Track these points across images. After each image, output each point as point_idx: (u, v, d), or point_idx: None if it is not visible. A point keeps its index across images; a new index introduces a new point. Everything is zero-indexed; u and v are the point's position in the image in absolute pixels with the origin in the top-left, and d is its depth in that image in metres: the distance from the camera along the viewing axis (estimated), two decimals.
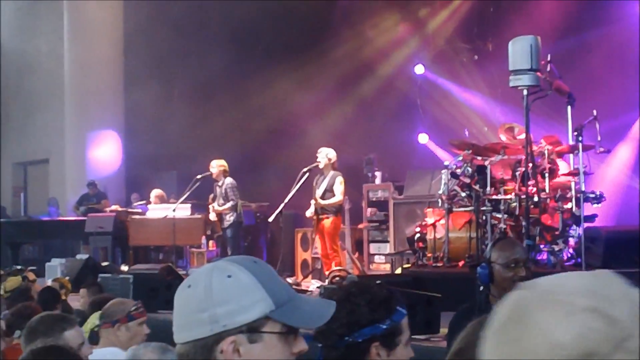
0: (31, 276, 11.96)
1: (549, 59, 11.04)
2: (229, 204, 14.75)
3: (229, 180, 14.92)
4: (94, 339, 5.70)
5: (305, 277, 15.13)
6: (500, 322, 1.43)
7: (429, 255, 12.59)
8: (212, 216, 15.01)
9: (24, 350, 4.24)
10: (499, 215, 11.67)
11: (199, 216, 15.86)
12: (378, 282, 3.04)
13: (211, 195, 15.15)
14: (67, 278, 11.98)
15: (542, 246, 11.33)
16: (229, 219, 14.79)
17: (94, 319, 6.13)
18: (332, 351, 2.81)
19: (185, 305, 2.12)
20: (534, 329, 1.37)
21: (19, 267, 14.06)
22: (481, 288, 5.34)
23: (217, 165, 14.96)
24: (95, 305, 7.07)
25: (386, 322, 2.83)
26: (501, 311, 1.44)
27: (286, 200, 13.86)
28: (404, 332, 2.89)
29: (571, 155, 12.03)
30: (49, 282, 11.63)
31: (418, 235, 12.94)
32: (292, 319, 2.12)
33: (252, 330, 2.09)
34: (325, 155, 13.62)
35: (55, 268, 15.21)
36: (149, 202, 17.29)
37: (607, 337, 1.32)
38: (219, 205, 14.85)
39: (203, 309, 2.08)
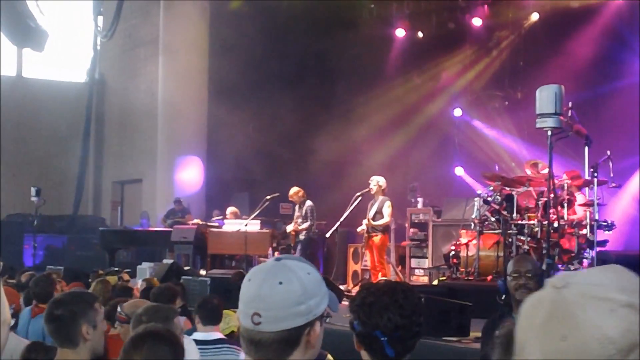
0: (126, 277, 12.06)
1: (570, 105, 10.95)
2: (306, 224, 14.84)
3: (308, 203, 14.99)
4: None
5: (355, 285, 15.08)
6: (542, 320, 1.35)
7: (462, 270, 12.54)
8: (289, 228, 15.12)
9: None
10: (523, 238, 11.59)
11: (267, 230, 15.89)
12: None
13: (297, 214, 15.20)
14: (155, 279, 12.06)
15: (559, 266, 11.18)
16: (304, 234, 14.91)
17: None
18: None
19: (284, 300, 2.11)
20: (583, 326, 1.30)
21: (115, 268, 14.20)
22: (503, 297, 5.34)
23: (295, 194, 15.03)
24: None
25: None
26: (538, 311, 1.36)
27: (341, 219, 13.87)
28: None
29: (587, 189, 11.92)
30: (140, 282, 11.73)
31: (453, 252, 12.88)
32: (333, 306, 2.26)
33: (322, 315, 2.19)
34: (377, 182, 13.60)
35: (145, 270, 15.29)
36: (225, 218, 17.36)
37: None
38: (297, 224, 14.94)
39: (301, 302, 2.12)
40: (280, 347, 2.13)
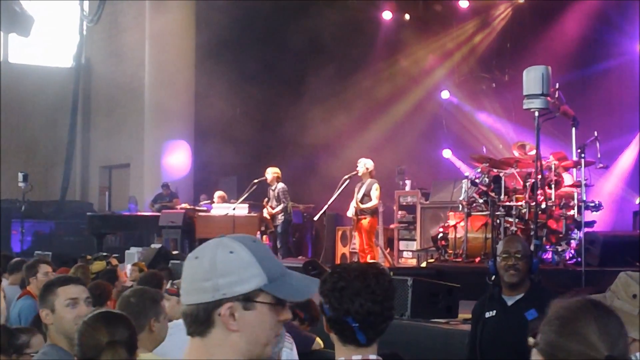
0: (114, 262, 12.00)
1: (557, 86, 10.93)
2: (280, 206, 14.73)
3: (281, 185, 14.90)
4: None
5: None
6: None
7: (450, 252, 12.55)
8: (265, 213, 15.04)
9: None
10: (511, 219, 11.61)
11: (255, 214, 15.84)
12: None
13: (265, 199, 15.14)
14: (143, 263, 12.02)
15: (547, 247, 11.23)
16: (280, 217, 14.79)
17: None
18: None
19: (192, 274, 2.14)
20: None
21: (103, 253, 14.13)
22: (492, 278, 5.31)
23: (271, 172, 14.96)
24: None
25: None
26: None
27: (329, 202, 13.83)
28: None
29: (574, 170, 11.93)
30: (128, 267, 11.69)
31: (441, 235, 12.89)
32: (281, 292, 2.14)
33: (247, 299, 2.11)
34: (364, 165, 13.55)
35: (133, 255, 15.24)
36: (213, 202, 17.31)
37: None
38: (271, 207, 14.86)
39: (207, 278, 2.11)
40: (191, 321, 2.13)
